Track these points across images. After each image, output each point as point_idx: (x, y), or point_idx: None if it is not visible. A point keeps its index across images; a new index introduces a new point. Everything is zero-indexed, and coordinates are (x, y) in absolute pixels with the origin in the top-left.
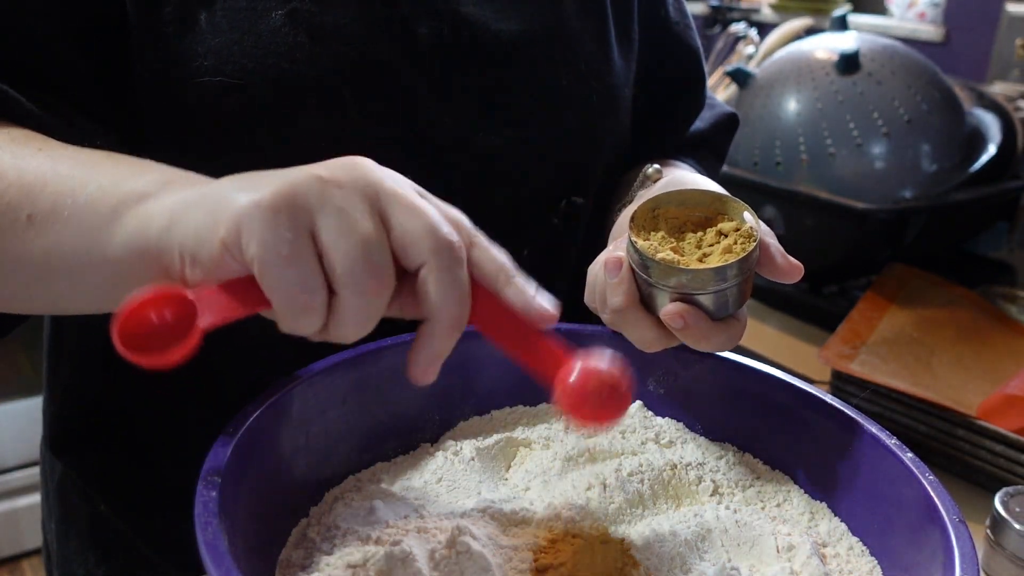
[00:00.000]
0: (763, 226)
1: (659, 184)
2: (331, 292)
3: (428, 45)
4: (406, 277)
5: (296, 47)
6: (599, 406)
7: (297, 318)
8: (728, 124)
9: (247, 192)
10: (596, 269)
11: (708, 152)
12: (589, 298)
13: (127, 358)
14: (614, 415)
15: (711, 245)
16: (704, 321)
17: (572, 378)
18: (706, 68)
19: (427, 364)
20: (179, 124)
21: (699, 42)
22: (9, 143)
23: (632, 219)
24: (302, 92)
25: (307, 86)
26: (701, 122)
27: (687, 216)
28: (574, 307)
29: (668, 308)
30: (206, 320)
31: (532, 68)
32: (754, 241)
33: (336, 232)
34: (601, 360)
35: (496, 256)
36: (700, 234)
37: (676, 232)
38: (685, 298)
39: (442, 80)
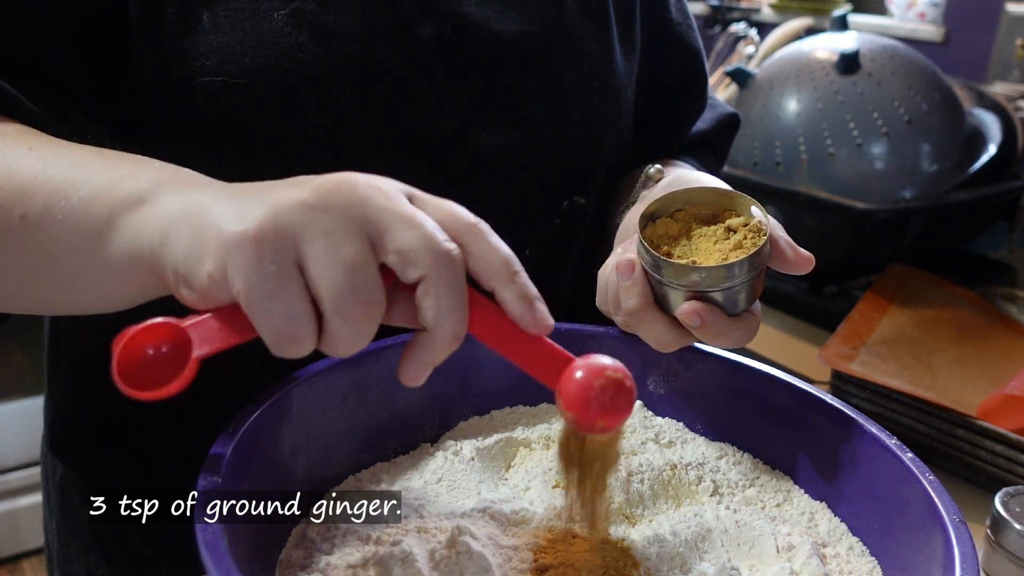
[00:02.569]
0: (771, 220)
1: (662, 184)
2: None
3: (430, 46)
4: (404, 287)
5: (298, 47)
6: (605, 406)
7: (286, 346)
8: (729, 124)
9: (232, 220)
10: (607, 272)
11: (709, 152)
12: (601, 302)
13: (127, 394)
14: (621, 414)
15: (721, 242)
16: (720, 318)
17: (576, 378)
18: (707, 68)
19: (419, 370)
20: (180, 123)
21: (701, 43)
22: (0, 141)
23: (641, 220)
24: (304, 92)
25: (309, 86)
26: (702, 122)
27: (694, 214)
28: (575, 307)
29: (684, 307)
30: (202, 350)
31: (534, 68)
32: (764, 235)
33: (321, 260)
34: (601, 360)
35: (498, 249)
36: (710, 231)
37: (684, 231)
38: (699, 296)
39: (444, 81)
